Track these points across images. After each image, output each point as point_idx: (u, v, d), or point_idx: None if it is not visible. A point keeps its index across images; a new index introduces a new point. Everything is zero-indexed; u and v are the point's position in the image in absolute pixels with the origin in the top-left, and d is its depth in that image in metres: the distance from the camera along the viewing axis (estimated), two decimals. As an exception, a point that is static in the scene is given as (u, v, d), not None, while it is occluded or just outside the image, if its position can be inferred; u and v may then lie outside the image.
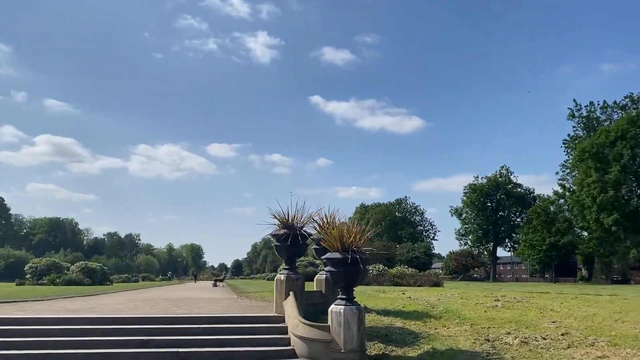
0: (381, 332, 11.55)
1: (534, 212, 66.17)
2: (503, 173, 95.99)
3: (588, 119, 71.41)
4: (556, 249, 63.75)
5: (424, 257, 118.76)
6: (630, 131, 56.39)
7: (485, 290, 19.95)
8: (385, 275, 31.70)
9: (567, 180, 67.82)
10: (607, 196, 54.05)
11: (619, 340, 9.97)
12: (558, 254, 66.61)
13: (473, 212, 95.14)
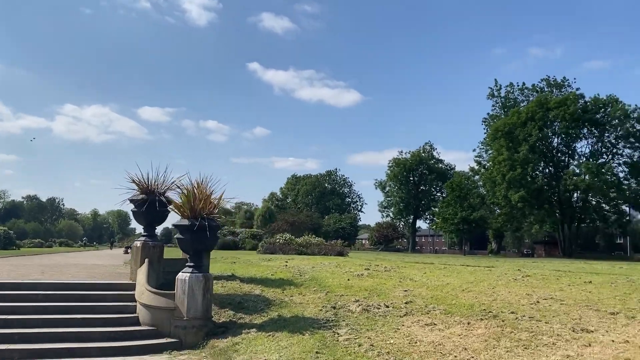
0: (236, 299, 11.49)
1: (448, 187, 68.81)
2: (427, 149, 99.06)
3: (506, 99, 74.31)
4: (468, 223, 66.77)
5: (350, 228, 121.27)
6: (539, 113, 59.29)
7: (367, 260, 20.42)
8: (291, 244, 31.86)
9: (482, 158, 70.82)
10: (515, 174, 56.89)
11: (453, 309, 10.38)
12: (470, 228, 69.82)
13: (396, 186, 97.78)
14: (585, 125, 62.55)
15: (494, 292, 11.87)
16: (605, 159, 63.11)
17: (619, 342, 7.95)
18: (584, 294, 11.66)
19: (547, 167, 64.95)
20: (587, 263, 32.90)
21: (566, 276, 14.89)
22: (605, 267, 24.72)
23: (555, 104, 60.39)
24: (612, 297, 11.30)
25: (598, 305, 10.48)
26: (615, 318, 9.51)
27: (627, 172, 62.33)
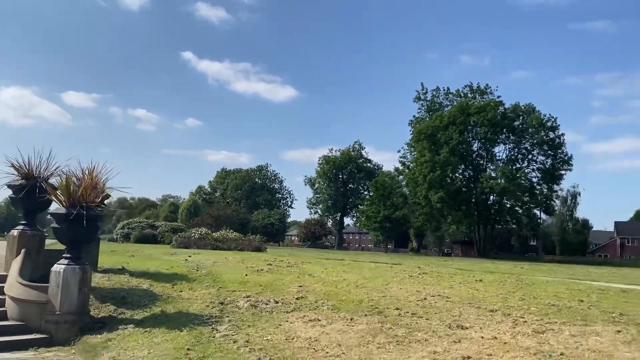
0: (120, 294, 10.91)
1: (373, 185, 70.17)
2: (356, 148, 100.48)
3: (432, 102, 76.51)
4: (390, 221, 68.36)
5: (279, 224, 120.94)
6: (460, 117, 61.56)
7: (275, 256, 20.23)
8: (207, 239, 31.14)
9: (407, 159, 72.63)
10: (435, 175, 58.76)
11: (342, 305, 10.38)
12: (393, 226, 71.57)
13: (325, 183, 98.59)
14: (503, 131, 65.53)
15: (387, 289, 12.02)
16: (521, 164, 66.48)
17: (487, 339, 8.19)
18: (471, 292, 12.03)
19: (466, 169, 67.59)
20: (494, 263, 34.42)
21: (461, 274, 15.37)
22: (507, 267, 25.91)
23: (475, 110, 62.88)
24: (496, 295, 11.71)
25: (480, 303, 10.81)
26: (493, 315, 9.83)
27: (540, 178, 66.00)
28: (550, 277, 19.04)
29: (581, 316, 9.92)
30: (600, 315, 10.11)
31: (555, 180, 65.38)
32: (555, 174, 64.87)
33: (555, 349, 7.64)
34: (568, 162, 64.79)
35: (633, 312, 10.63)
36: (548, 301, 11.22)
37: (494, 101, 65.93)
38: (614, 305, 11.34)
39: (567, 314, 10.15)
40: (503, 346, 7.74)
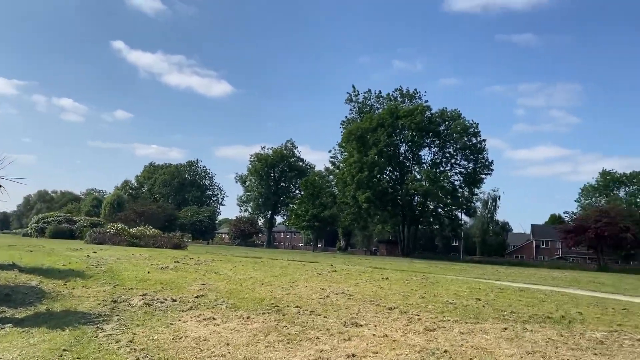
0: (4, 291, 10.11)
1: (303, 184, 70.38)
2: (288, 146, 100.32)
3: (363, 105, 77.83)
4: (319, 220, 68.79)
5: (209, 222, 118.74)
6: (389, 120, 62.96)
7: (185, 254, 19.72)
8: (123, 235, 29.94)
9: (337, 159, 73.47)
10: (363, 176, 59.74)
11: (242, 303, 10.17)
12: (321, 225, 72.08)
13: (256, 181, 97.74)
14: (429, 135, 67.67)
15: (292, 287, 11.92)
16: (444, 167, 68.88)
17: (378, 336, 8.24)
18: (375, 289, 12.16)
19: (393, 171, 69.23)
20: (412, 262, 35.37)
21: (370, 273, 15.57)
22: (422, 266, 26.66)
23: (404, 113, 64.53)
24: (398, 293, 11.90)
25: (381, 301, 10.94)
26: (390, 313, 9.96)
27: (462, 181, 68.67)
28: (459, 276, 19.75)
29: (474, 314, 10.25)
30: (492, 313, 10.50)
31: (476, 184, 68.27)
32: (476, 177, 67.74)
33: (441, 346, 7.79)
34: (488, 167, 67.85)
35: (523, 310, 11.13)
36: (447, 299, 11.54)
37: (421, 106, 67.92)
38: (508, 304, 11.84)
39: (462, 312, 10.46)
40: (391, 344, 7.80)
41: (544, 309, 11.48)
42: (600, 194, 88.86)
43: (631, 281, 24.81)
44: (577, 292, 16.09)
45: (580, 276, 26.21)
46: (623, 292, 17.65)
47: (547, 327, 9.48)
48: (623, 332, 9.56)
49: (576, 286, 19.18)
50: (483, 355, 7.38)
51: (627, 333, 9.45)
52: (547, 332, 9.01)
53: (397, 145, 69.84)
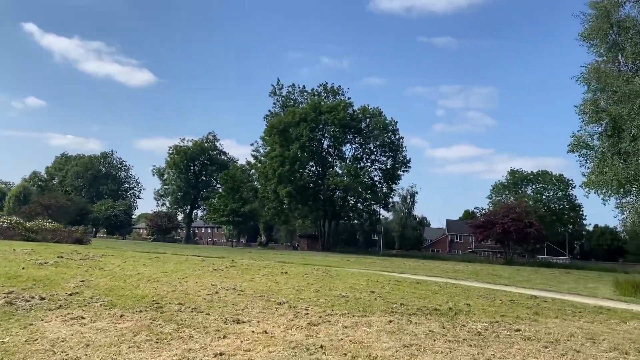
0: None
1: (222, 178, 68.95)
2: (210, 139, 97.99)
3: (287, 99, 77.46)
4: (238, 215, 67.78)
5: (124, 216, 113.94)
6: (312, 115, 63.03)
7: (73, 249, 18.50)
8: (17, 228, 27.75)
9: (259, 153, 72.61)
10: (285, 170, 59.43)
11: (120, 301, 9.48)
12: (241, 220, 71.13)
13: (175, 174, 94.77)
14: (351, 131, 68.40)
15: (182, 283, 11.33)
16: (365, 163, 69.96)
17: (257, 333, 7.89)
18: (270, 284, 11.83)
19: (316, 166, 69.46)
20: (327, 255, 35.51)
21: (271, 267, 15.23)
22: (334, 260, 26.73)
23: (327, 109, 64.83)
24: (293, 287, 11.63)
25: (273, 296, 10.62)
26: (278, 308, 9.64)
27: (381, 177, 70.15)
28: (365, 269, 19.88)
29: (364, 307, 10.16)
30: (382, 306, 10.46)
31: (394, 180, 69.94)
32: (394, 174, 69.38)
33: (319, 341, 7.55)
34: (406, 164, 69.70)
35: (414, 302, 11.20)
36: (340, 293, 11.40)
37: (344, 102, 68.53)
38: (401, 296, 11.90)
39: (352, 305, 10.34)
40: (268, 340, 7.48)
41: (434, 301, 11.64)
42: (510, 191, 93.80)
43: (526, 274, 26.20)
44: (472, 285, 16.61)
45: (482, 269, 27.35)
46: (515, 284, 18.49)
47: (432, 320, 9.54)
48: (504, 322, 9.81)
49: (474, 279, 19.90)
50: (359, 350, 7.22)
51: (507, 324, 9.70)
52: (431, 325, 9.05)
53: (320, 141, 70.11)
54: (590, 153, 20.73)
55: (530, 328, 9.41)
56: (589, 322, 10.71)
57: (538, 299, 13.68)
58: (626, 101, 18.77)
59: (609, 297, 16.39)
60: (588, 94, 20.63)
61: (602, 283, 20.65)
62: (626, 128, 18.97)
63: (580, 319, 11.00)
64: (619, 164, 19.44)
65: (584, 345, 8.29)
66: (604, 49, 20.74)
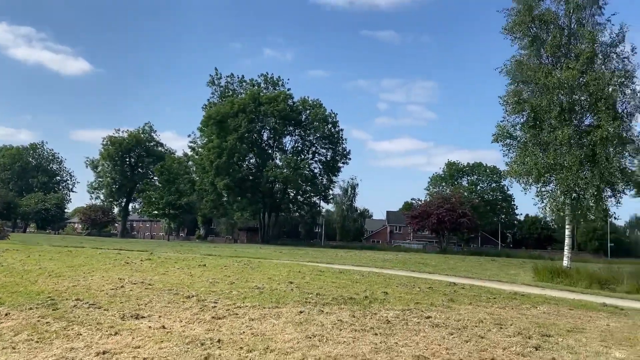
0: None
1: (158, 170, 66.86)
2: (146, 130, 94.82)
3: (226, 89, 75.90)
4: (175, 208, 66.07)
5: (56, 210, 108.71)
6: (251, 106, 62.11)
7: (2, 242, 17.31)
8: None
9: (197, 144, 70.91)
10: (222, 161, 58.30)
11: (10, 297, 8.89)
12: (178, 213, 69.49)
13: (110, 166, 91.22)
14: (291, 123, 67.92)
15: (86, 277, 10.66)
16: (305, 155, 69.77)
17: (155, 328, 7.43)
18: (184, 277, 11.36)
19: (255, 158, 68.63)
20: (260, 248, 35.09)
21: (190, 260, 14.72)
22: (265, 252, 26.38)
23: (266, 100, 64.05)
24: (207, 280, 11.21)
25: (183, 289, 10.17)
26: (185, 302, 9.22)
27: (321, 169, 70.21)
28: (294, 260, 19.64)
29: (278, 298, 9.89)
30: (297, 297, 10.22)
31: (334, 172, 70.18)
32: (334, 165, 69.60)
33: (219, 335, 7.20)
34: (346, 155, 70.07)
35: (332, 292, 11.03)
36: (257, 284, 11.09)
37: (284, 93, 67.91)
38: (320, 286, 11.71)
39: (266, 297, 10.06)
40: (163, 336, 7.04)
41: (352, 290, 11.54)
42: (447, 183, 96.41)
43: (454, 262, 26.83)
44: (396, 273, 16.74)
45: (411, 258, 27.77)
46: (439, 272, 18.82)
47: (344, 309, 9.39)
48: (416, 310, 9.80)
49: (400, 268, 20.09)
50: (257, 343, 6.92)
51: (419, 311, 9.70)
52: (342, 314, 8.89)
53: (260, 132, 69.29)
54: (513, 143, 21.40)
55: (441, 315, 9.44)
56: (500, 308, 10.90)
57: (457, 286, 13.90)
58: (545, 93, 19.48)
59: (527, 283, 16.94)
60: (511, 85, 21.24)
61: (524, 270, 21.39)
62: (545, 119, 19.70)
63: (493, 305, 11.20)
64: (538, 154, 20.18)
65: (490, 331, 8.36)
66: (526, 42, 21.39)
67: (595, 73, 19.36)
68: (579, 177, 19.37)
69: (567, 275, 17.46)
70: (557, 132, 19.20)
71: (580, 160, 19.19)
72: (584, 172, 19.52)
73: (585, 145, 19.39)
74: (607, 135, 18.71)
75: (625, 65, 20.27)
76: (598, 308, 11.73)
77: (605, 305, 12.07)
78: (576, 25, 20.58)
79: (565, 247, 21.38)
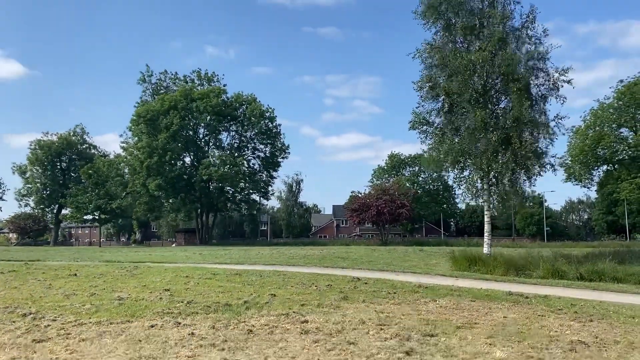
0: None
1: (85, 173, 63.44)
2: (77, 132, 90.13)
3: (158, 86, 72.95)
4: (105, 212, 62.89)
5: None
6: (182, 102, 59.73)
7: None
8: None
9: (129, 144, 67.71)
10: (153, 161, 55.76)
11: None
12: (109, 217, 66.37)
13: (39, 171, 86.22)
14: (227, 119, 65.85)
15: None
16: (244, 152, 67.92)
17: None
18: (38, 291, 9.89)
19: (190, 156, 66.25)
20: (187, 249, 33.43)
21: (65, 269, 13.12)
22: (184, 255, 24.79)
23: (198, 96, 61.79)
24: (65, 293, 9.75)
25: (25, 305, 8.73)
26: (17, 321, 7.86)
27: (261, 165, 68.63)
28: (203, 262, 18.26)
29: (135, 310, 8.64)
30: (163, 307, 9.04)
31: (274, 167, 68.73)
32: (274, 161, 68.15)
33: None
34: (285, 150, 68.72)
35: (209, 298, 9.84)
36: (121, 295, 9.73)
37: (217, 88, 65.79)
38: (199, 292, 10.49)
39: (123, 309, 8.83)
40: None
41: (236, 295, 10.36)
42: (389, 175, 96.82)
43: (379, 254, 26.00)
44: (303, 271, 15.76)
45: (335, 252, 26.80)
46: (353, 267, 17.95)
47: (209, 319, 8.20)
48: (295, 314, 8.72)
49: (314, 264, 18.96)
50: None
51: (298, 315, 8.63)
52: (201, 326, 7.71)
53: (195, 130, 66.95)
54: (430, 130, 20.76)
55: (321, 318, 8.38)
56: (396, 304, 9.99)
57: (360, 281, 12.95)
58: (457, 76, 18.89)
59: (442, 273, 16.24)
60: (425, 70, 20.60)
61: (447, 259, 20.79)
62: (459, 103, 19.13)
63: (390, 302, 10.26)
64: (453, 139, 19.63)
65: (367, 334, 7.38)
66: (439, 25, 20.78)
67: (507, 54, 18.94)
68: (494, 161, 18.96)
69: (484, 263, 16.94)
70: (471, 116, 18.65)
71: (494, 144, 18.75)
72: (499, 156, 19.09)
73: (499, 128, 18.94)
74: (520, 118, 18.34)
75: (537, 47, 20.02)
76: (502, 297, 11.03)
77: (510, 294, 11.41)
78: (488, 8, 20.13)
79: (485, 234, 20.99)
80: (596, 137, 60.65)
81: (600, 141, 60.28)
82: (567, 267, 15.54)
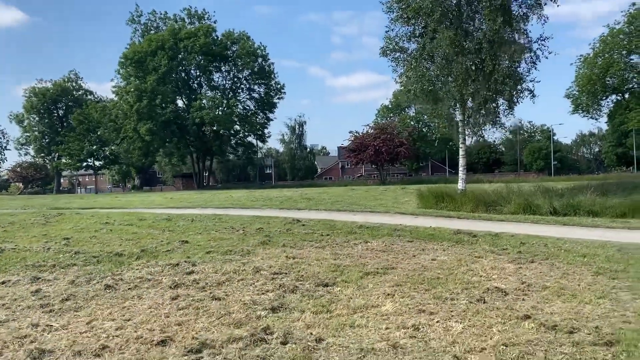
0: None
1: (75, 119, 62.10)
2: (71, 78, 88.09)
3: (148, 27, 70.17)
4: (99, 159, 62.10)
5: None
6: (170, 42, 57.34)
7: None
8: None
9: (120, 88, 65.87)
10: (142, 105, 54.24)
11: None
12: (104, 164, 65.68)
13: (36, 119, 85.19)
14: (217, 58, 63.37)
15: None
16: (238, 93, 65.91)
17: None
18: None
19: (183, 99, 64.47)
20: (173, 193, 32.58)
21: None
22: (160, 199, 23.89)
23: (186, 35, 59.24)
24: None
25: None
26: None
27: (256, 107, 66.74)
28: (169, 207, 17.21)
29: (5, 263, 7.49)
30: (44, 258, 7.87)
31: (270, 108, 66.83)
32: (269, 101, 66.16)
33: None
34: (280, 90, 66.59)
35: (109, 247, 8.72)
36: (6, 245, 8.64)
37: (206, 26, 62.93)
38: (105, 241, 9.38)
39: None
40: None
41: (144, 242, 9.26)
42: (394, 114, 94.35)
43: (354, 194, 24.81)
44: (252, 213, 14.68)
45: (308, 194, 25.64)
46: (310, 208, 16.77)
47: (81, 271, 7.08)
48: (187, 263, 7.60)
49: (274, 206, 17.68)
50: None
51: (189, 264, 7.48)
52: (61, 281, 6.57)
53: (187, 71, 64.81)
54: (402, 56, 18.94)
55: (212, 268, 7.22)
56: (317, 248, 8.80)
57: (300, 222, 11.77)
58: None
59: (404, 211, 15.03)
60: (395, -11, 18.49)
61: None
62: (429, 23, 17.20)
63: (313, 245, 9.09)
64: (425, 65, 17.88)
65: (251, 286, 6.23)
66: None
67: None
68: (464, 88, 17.26)
69: (452, 200, 15.69)
70: (439, 36, 16.77)
71: (468, 69, 17.00)
72: (472, 81, 17.37)
73: (474, 52, 17.11)
74: (495, 37, 16.47)
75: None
76: (446, 237, 9.79)
77: (458, 233, 10.16)
78: None
79: (460, 169, 19.56)
80: (605, 65, 57.61)
81: (609, 69, 57.31)
82: (541, 201, 14.25)
